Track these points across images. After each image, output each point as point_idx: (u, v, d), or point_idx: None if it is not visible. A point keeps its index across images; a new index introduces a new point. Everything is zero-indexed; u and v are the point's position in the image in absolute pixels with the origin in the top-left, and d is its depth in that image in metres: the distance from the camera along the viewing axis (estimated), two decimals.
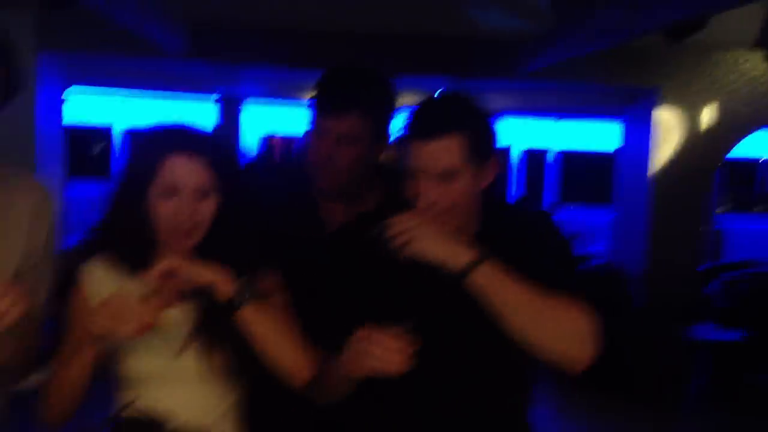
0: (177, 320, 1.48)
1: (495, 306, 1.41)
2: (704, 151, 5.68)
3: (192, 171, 1.45)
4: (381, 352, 1.32)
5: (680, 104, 5.64)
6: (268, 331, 1.46)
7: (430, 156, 1.45)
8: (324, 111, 1.84)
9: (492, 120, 1.53)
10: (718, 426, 5.24)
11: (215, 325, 1.49)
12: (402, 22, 5.01)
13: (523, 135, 13.56)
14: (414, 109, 1.51)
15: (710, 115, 5.65)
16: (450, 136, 1.44)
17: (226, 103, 9.15)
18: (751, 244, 10.29)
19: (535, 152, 15.14)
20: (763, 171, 17.25)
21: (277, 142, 8.13)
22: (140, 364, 1.51)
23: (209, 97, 9.32)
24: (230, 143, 1.74)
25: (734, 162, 13.11)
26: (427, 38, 5.30)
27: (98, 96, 10.76)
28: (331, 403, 1.56)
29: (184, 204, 1.45)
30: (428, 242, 1.41)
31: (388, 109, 1.96)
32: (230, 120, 9.01)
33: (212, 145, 1.52)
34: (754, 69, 5.57)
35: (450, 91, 1.56)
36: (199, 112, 9.29)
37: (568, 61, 4.86)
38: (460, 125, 1.45)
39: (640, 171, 5.82)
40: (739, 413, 5.35)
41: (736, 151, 5.98)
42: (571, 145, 14.60)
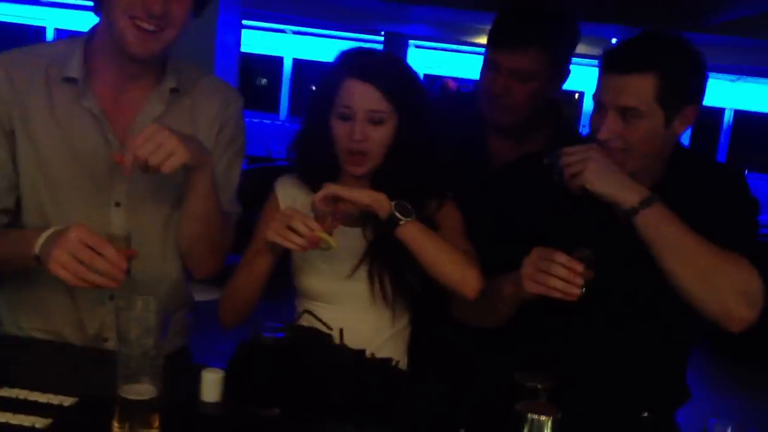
0: (348, 245, 1.53)
1: (658, 250, 1.39)
2: None
3: (366, 95, 1.48)
4: (565, 273, 1.31)
5: None
6: (434, 250, 1.46)
7: (619, 91, 1.41)
8: (503, 45, 1.81)
9: (698, 66, 1.45)
10: None
11: (384, 250, 1.53)
12: None
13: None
14: (618, 41, 1.47)
15: None
16: (642, 75, 1.39)
17: (392, 40, 9.21)
18: None
19: (709, 111, 14.24)
20: None
21: (450, 83, 8.07)
22: (315, 283, 1.58)
23: (375, 36, 9.42)
24: (417, 76, 1.76)
25: None
26: None
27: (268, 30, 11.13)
28: (491, 328, 1.56)
29: (357, 127, 1.48)
30: (598, 175, 1.39)
31: (567, 48, 1.90)
32: None
33: (394, 74, 1.52)
34: None
35: (657, 30, 1.49)
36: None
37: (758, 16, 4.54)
38: (656, 65, 1.40)
39: None
40: None
41: None
42: (747, 107, 13.62)
